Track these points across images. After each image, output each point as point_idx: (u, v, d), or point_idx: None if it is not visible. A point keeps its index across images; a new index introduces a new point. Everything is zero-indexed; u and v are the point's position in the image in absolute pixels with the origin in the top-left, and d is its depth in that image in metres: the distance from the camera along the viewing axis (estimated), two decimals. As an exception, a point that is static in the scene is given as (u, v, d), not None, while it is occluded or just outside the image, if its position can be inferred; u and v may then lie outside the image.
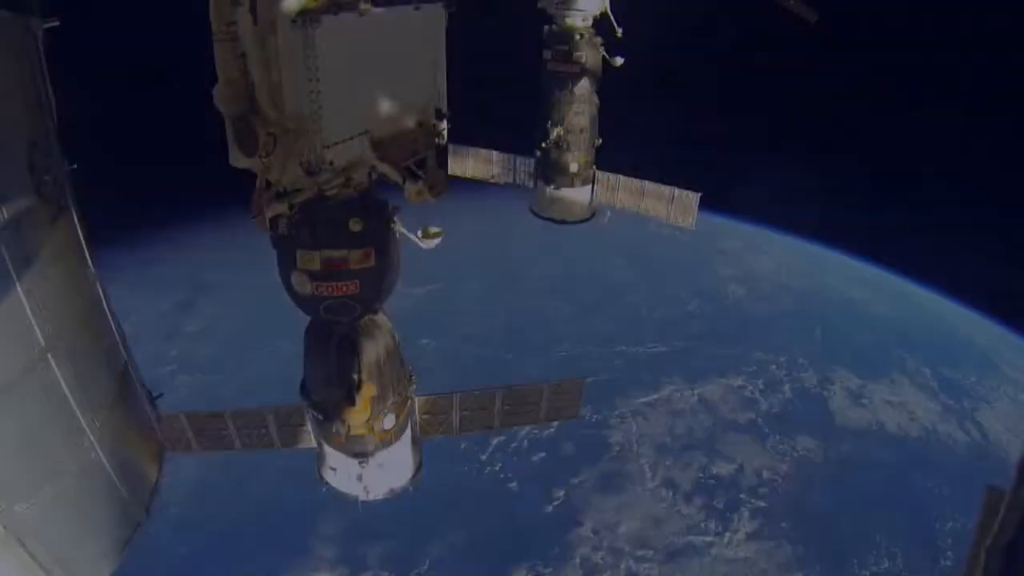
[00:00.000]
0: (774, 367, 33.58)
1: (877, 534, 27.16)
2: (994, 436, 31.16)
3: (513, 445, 29.42)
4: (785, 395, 32.75)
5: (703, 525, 27.59)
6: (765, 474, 29.33)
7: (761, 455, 30.14)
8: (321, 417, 5.77)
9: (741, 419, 31.63)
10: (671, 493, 28.70)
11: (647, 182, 10.19)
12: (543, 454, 29.49)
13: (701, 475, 29.38)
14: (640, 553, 26.60)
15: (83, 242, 3.13)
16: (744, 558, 26.58)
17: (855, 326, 36.37)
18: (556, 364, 31.36)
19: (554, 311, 35.38)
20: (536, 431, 28.94)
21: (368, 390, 5.46)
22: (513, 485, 28.56)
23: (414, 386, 6.28)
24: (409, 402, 6.35)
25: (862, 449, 30.53)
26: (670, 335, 34.93)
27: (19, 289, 2.49)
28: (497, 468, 28.99)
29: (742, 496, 28.45)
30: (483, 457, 29.29)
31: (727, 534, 27.31)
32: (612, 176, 10.39)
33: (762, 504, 28.07)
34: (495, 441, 28.89)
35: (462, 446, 28.38)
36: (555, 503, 28.14)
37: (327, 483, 6.43)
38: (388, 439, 5.99)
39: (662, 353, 34.04)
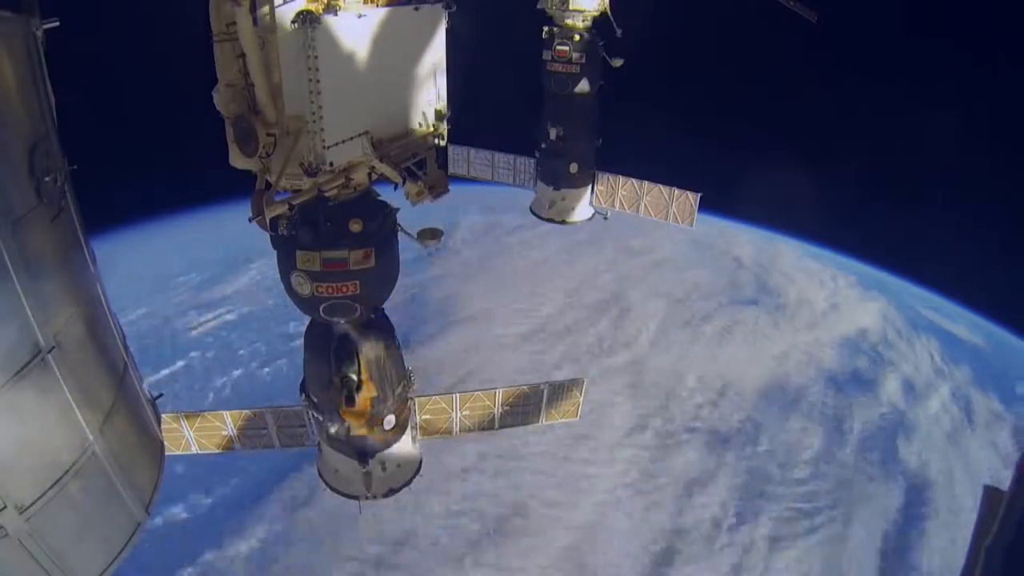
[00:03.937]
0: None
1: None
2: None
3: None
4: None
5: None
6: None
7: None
8: (321, 417, 5.77)
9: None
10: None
11: (647, 182, 10.19)
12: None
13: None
14: None
15: (83, 242, 3.13)
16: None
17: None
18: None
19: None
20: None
21: (368, 390, 5.45)
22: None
23: (414, 386, 6.29)
24: (409, 402, 6.35)
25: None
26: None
27: (19, 289, 2.49)
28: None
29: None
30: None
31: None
32: (612, 176, 10.38)
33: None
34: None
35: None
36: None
37: (328, 484, 6.42)
38: (388, 439, 5.99)
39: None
